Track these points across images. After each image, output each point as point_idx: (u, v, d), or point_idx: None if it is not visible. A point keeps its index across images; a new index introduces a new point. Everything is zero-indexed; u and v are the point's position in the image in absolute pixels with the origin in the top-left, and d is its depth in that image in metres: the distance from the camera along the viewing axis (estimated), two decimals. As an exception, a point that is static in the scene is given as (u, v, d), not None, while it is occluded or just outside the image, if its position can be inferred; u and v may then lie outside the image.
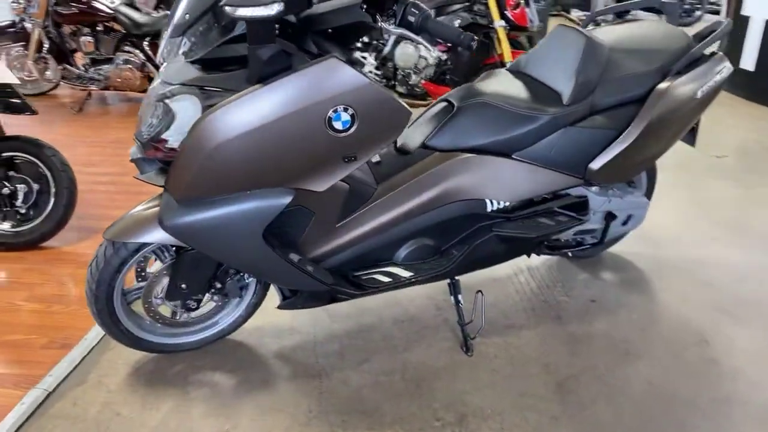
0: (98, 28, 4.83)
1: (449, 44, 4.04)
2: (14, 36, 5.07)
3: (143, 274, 1.81)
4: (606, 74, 1.95)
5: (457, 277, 2.02)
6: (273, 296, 1.92)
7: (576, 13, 11.64)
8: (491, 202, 1.95)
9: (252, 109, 1.38)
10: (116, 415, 1.69)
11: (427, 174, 1.85)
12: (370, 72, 4.33)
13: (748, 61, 5.09)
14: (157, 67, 4.71)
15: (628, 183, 2.34)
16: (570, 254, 2.41)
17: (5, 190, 2.54)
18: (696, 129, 2.32)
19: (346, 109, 1.45)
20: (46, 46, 4.90)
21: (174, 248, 1.76)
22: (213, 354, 1.95)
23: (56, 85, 5.23)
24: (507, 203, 1.95)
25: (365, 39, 4.43)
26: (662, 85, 1.92)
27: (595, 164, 1.95)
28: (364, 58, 4.38)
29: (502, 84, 2.01)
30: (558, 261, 2.53)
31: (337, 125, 1.46)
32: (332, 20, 1.52)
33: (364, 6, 1.53)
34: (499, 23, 3.88)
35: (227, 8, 1.30)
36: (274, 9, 1.28)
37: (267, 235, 1.63)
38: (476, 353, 1.96)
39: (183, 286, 1.73)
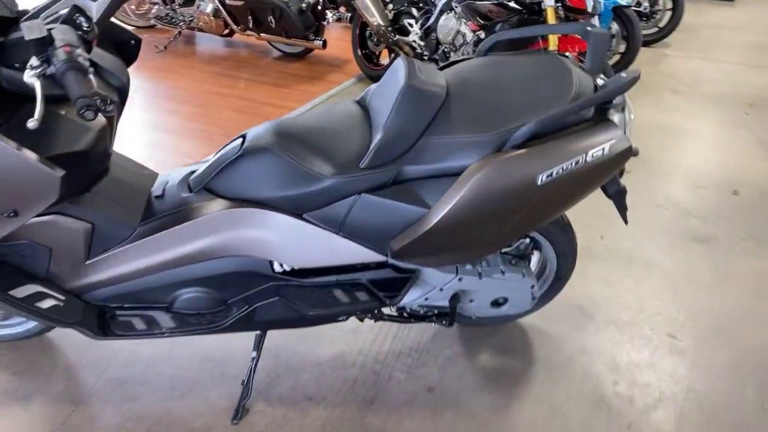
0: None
1: (482, 23, 3.47)
2: (128, -27, 5.46)
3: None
4: (431, 134, 1.51)
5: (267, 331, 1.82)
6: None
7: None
8: (279, 263, 1.68)
9: None
10: None
11: (201, 220, 1.62)
12: (414, 41, 3.96)
13: None
14: (229, 14, 4.76)
15: (512, 259, 1.85)
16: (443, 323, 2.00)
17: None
18: (622, 203, 1.74)
19: None
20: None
21: None
22: (22, 350, 2.00)
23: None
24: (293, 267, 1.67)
25: (420, 5, 4.03)
26: (481, 162, 1.43)
27: (395, 243, 1.55)
28: (411, 26, 4.01)
29: (315, 124, 1.65)
30: (446, 322, 2.14)
31: None
32: (8, 55, 1.35)
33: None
34: (548, 2, 3.20)
35: None
36: None
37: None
38: (243, 422, 1.76)
39: None
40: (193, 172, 1.78)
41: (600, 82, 1.57)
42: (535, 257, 2.01)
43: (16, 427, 1.74)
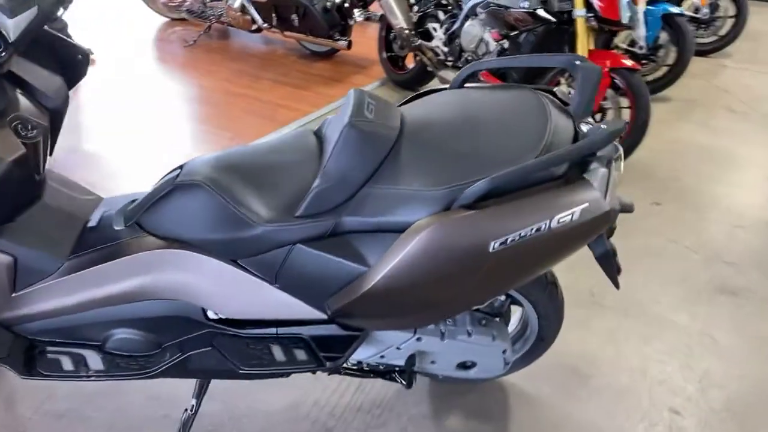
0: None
1: (505, 32, 3.19)
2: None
3: None
4: (375, 183, 1.30)
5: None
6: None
7: None
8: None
9: None
10: None
11: (129, 260, 1.48)
12: (437, 47, 3.71)
13: None
14: (256, 10, 4.64)
15: (483, 318, 1.63)
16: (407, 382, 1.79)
17: None
18: (610, 267, 1.48)
19: None
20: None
21: None
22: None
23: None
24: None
25: (447, 8, 3.77)
26: (425, 221, 1.21)
27: (333, 302, 1.36)
28: (435, 29, 3.77)
29: (261, 159, 1.47)
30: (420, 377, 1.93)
31: None
32: None
33: None
34: (579, 12, 2.89)
35: None
36: None
37: None
38: (174, 476, 1.62)
39: None
40: (134, 201, 1.63)
41: (585, 128, 1.32)
42: (516, 314, 1.78)
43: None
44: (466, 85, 1.56)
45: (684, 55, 3.97)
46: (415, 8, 3.83)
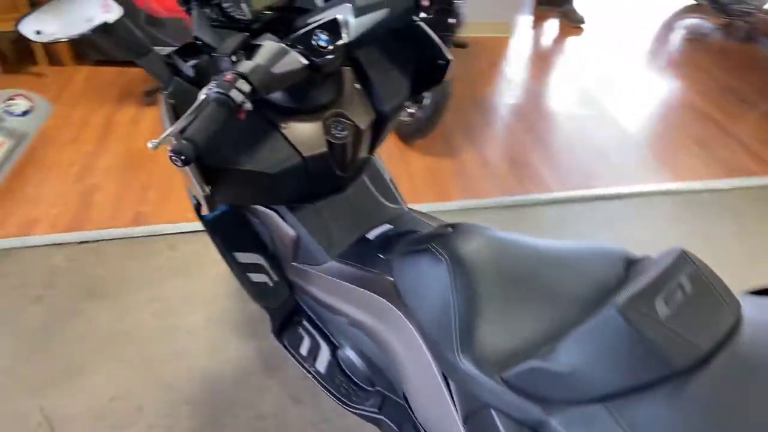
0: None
1: None
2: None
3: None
4: (618, 408, 0.80)
5: None
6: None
7: None
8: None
9: None
10: None
11: (370, 295, 1.35)
12: None
13: None
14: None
15: None
16: None
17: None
18: None
19: None
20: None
21: None
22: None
23: None
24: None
25: None
26: None
27: None
28: None
29: (539, 262, 1.07)
30: None
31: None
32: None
33: None
34: None
35: None
36: None
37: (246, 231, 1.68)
38: None
39: None
40: (416, 232, 1.46)
41: None
42: None
43: (215, 352, 1.95)
44: None
45: None
46: None
